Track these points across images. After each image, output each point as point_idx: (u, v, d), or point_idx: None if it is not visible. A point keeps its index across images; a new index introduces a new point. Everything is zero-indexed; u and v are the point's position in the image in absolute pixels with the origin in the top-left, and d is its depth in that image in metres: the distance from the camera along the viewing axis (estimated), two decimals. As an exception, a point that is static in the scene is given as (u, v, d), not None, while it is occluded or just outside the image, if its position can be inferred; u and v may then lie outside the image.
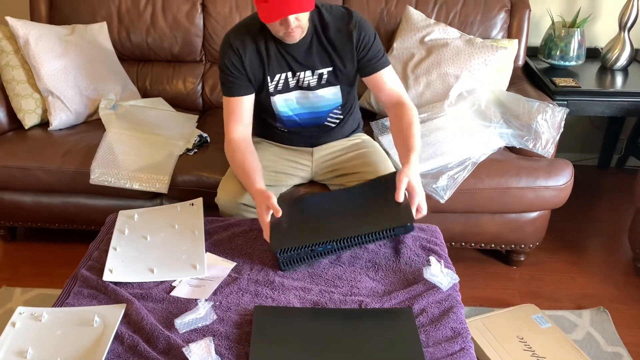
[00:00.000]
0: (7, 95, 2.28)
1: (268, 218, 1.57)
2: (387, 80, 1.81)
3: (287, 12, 1.55)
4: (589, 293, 2.15)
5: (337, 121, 1.93)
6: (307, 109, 1.86)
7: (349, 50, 1.77)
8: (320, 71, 1.79)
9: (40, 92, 2.27)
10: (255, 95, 1.83)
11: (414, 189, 1.55)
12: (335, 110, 1.89)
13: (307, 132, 1.94)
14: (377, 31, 2.45)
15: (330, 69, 1.79)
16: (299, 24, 1.62)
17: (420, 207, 1.57)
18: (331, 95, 1.84)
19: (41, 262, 2.31)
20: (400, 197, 1.54)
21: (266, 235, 1.56)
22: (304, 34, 1.70)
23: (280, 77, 1.79)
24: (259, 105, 1.86)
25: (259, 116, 1.91)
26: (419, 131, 1.75)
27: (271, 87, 1.80)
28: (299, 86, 1.81)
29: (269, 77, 1.78)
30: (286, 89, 1.81)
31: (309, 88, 1.81)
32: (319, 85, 1.81)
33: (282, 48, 1.74)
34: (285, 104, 1.84)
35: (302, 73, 1.78)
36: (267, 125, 1.94)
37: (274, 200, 1.57)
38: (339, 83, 1.83)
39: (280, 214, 1.55)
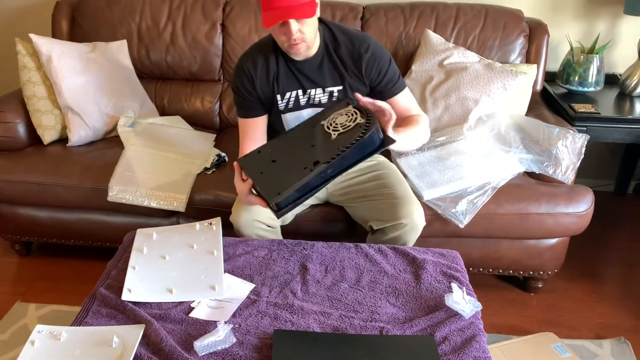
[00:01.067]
0: (28, 111, 2.30)
1: (245, 185, 1.60)
2: (403, 103, 1.86)
3: (286, 17, 1.57)
4: (609, 322, 2.12)
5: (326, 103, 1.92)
6: None
7: (358, 71, 1.79)
8: (330, 89, 1.80)
9: (60, 109, 2.29)
10: (267, 113, 1.86)
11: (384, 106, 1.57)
12: None
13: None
14: (395, 54, 2.49)
15: (341, 87, 1.81)
16: (302, 37, 1.63)
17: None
18: None
19: (56, 277, 2.31)
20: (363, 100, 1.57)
21: (244, 198, 1.63)
22: (309, 49, 1.72)
23: (291, 95, 1.81)
24: (270, 124, 1.89)
25: (271, 135, 1.92)
26: (423, 129, 1.83)
27: (282, 105, 1.82)
28: (309, 104, 1.83)
29: (279, 96, 1.81)
30: (297, 106, 1.83)
31: (320, 105, 1.82)
32: (330, 101, 1.82)
33: (293, 65, 1.77)
34: (297, 121, 1.84)
35: (313, 90, 1.80)
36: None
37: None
38: (351, 98, 1.83)
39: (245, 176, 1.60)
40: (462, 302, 1.44)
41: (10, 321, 2.05)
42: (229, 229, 1.85)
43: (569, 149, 2.02)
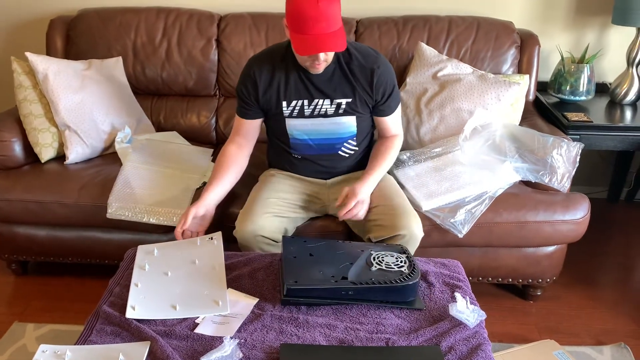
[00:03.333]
0: (24, 129, 2.29)
1: (187, 217, 1.78)
2: (390, 122, 1.97)
3: (322, 49, 1.61)
4: (608, 328, 2.13)
5: (352, 152, 1.97)
6: (322, 134, 1.90)
7: (369, 86, 1.84)
8: (339, 101, 1.84)
9: (57, 126, 2.29)
10: (270, 116, 1.91)
11: (356, 192, 1.78)
12: (350, 141, 1.94)
13: (321, 161, 1.96)
14: (389, 66, 2.51)
15: (350, 99, 1.84)
16: (326, 58, 1.68)
17: (351, 212, 1.79)
18: (346, 124, 1.89)
19: (53, 297, 2.29)
20: (339, 202, 1.81)
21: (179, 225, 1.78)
22: (327, 64, 1.77)
23: (297, 104, 1.84)
24: (273, 128, 1.93)
25: (273, 141, 1.97)
26: (392, 158, 1.97)
27: (286, 112, 1.86)
28: (314, 114, 1.86)
29: (284, 102, 1.84)
30: (301, 114, 1.86)
31: (325, 115, 1.86)
32: (336, 114, 1.86)
33: (304, 75, 1.80)
34: (300, 128, 1.89)
35: (320, 101, 1.83)
36: (281, 151, 1.98)
37: (190, 217, 1.79)
38: (356, 114, 1.89)
39: (180, 227, 1.78)
40: (467, 311, 1.45)
41: (8, 342, 2.03)
42: (231, 243, 1.85)
43: (564, 157, 2.04)
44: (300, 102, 1.84)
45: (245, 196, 1.99)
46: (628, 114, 2.52)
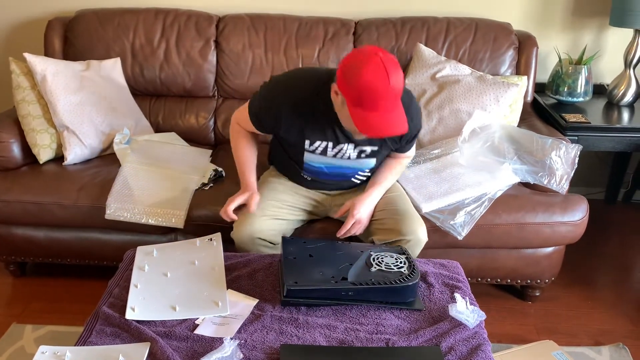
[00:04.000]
0: (23, 130, 2.29)
1: (238, 202, 1.78)
2: (407, 152, 1.92)
3: (389, 132, 1.51)
4: (606, 328, 2.14)
5: (364, 178, 1.93)
6: (340, 167, 1.84)
7: (398, 136, 1.77)
8: (364, 148, 1.78)
9: (55, 127, 2.28)
10: (286, 144, 1.83)
11: (352, 211, 1.78)
12: (365, 170, 1.89)
13: (331, 183, 1.93)
14: (388, 68, 2.52)
15: (376, 148, 1.79)
16: None
17: (349, 231, 1.79)
18: (367, 162, 1.84)
19: (52, 298, 2.28)
20: (338, 215, 1.84)
21: (230, 209, 1.78)
22: None
23: (320, 144, 1.76)
24: (287, 150, 1.85)
25: (283, 155, 1.91)
26: (399, 174, 1.95)
27: (308, 148, 1.78)
28: (336, 156, 1.79)
29: (307, 141, 1.76)
30: (323, 153, 1.79)
31: (348, 158, 1.81)
32: (358, 157, 1.81)
33: (334, 120, 1.67)
34: (318, 161, 1.82)
35: (345, 145, 1.76)
36: (289, 167, 1.92)
37: (255, 202, 1.78)
38: (378, 156, 1.84)
39: (252, 210, 1.77)
40: (466, 311, 1.45)
41: (6, 343, 2.02)
42: (228, 245, 1.85)
43: (562, 159, 2.05)
44: (324, 143, 1.76)
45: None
46: (625, 115, 2.53)
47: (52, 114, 2.26)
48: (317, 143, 1.76)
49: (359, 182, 1.93)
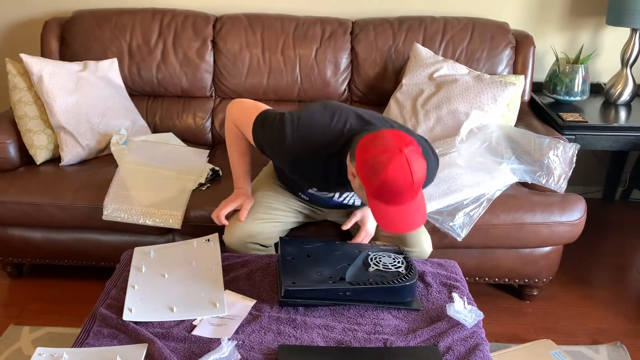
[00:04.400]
0: (19, 131, 2.28)
1: (231, 207, 1.77)
2: None
3: (408, 228, 1.44)
4: (604, 327, 2.14)
5: (360, 205, 1.89)
6: (340, 201, 1.82)
7: None
8: None
9: (52, 128, 2.28)
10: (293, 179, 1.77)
11: (365, 225, 1.77)
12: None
13: (329, 207, 1.91)
14: (385, 68, 2.53)
15: None
16: None
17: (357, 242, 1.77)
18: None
19: (49, 299, 2.28)
20: (347, 226, 1.80)
21: (222, 214, 1.77)
22: None
23: (327, 194, 1.75)
24: (290, 179, 1.81)
25: (284, 180, 1.88)
26: None
27: (312, 191, 1.76)
28: (341, 203, 1.77)
29: (314, 188, 1.73)
30: (328, 198, 1.77)
31: (352, 206, 1.80)
32: (362, 205, 1.80)
33: (345, 183, 1.58)
34: (320, 196, 1.79)
35: (350, 194, 1.74)
36: (290, 185, 1.88)
37: (247, 210, 1.78)
38: None
39: (242, 218, 1.77)
40: (464, 311, 1.45)
41: (4, 345, 2.02)
42: (225, 245, 1.84)
43: (560, 158, 2.05)
44: (331, 194, 1.74)
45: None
46: (622, 114, 2.53)
47: (49, 114, 2.25)
48: (324, 192, 1.75)
49: (357, 206, 1.88)
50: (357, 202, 1.79)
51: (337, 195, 1.76)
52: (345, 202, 1.78)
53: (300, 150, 1.57)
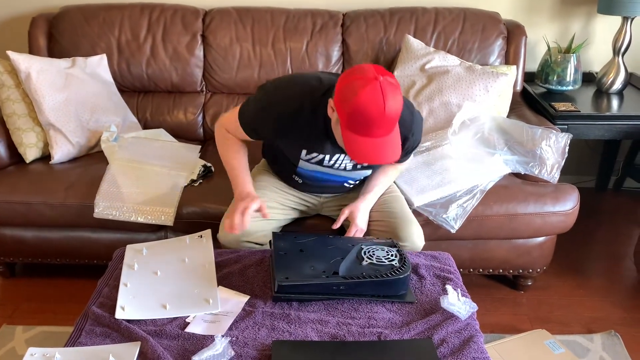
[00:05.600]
0: (8, 129, 2.26)
1: (246, 211, 1.64)
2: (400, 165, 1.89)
3: (378, 160, 1.45)
4: (598, 316, 2.15)
5: (356, 183, 1.89)
6: (334, 176, 1.81)
7: None
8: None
9: (41, 126, 2.25)
10: (283, 150, 1.76)
11: (355, 220, 1.75)
12: (360, 179, 1.86)
13: (323, 187, 1.89)
14: (376, 60, 2.51)
15: None
16: None
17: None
18: (362, 173, 1.81)
19: (42, 298, 2.26)
20: (337, 225, 1.78)
21: (234, 220, 1.63)
22: None
23: (317, 155, 1.71)
24: (282, 156, 1.79)
25: (277, 162, 1.87)
26: (391, 180, 1.89)
27: (304, 157, 1.72)
28: (333, 167, 1.75)
29: (304, 151, 1.70)
30: (319, 164, 1.74)
31: (344, 170, 1.77)
32: (354, 169, 1.78)
33: (331, 133, 1.59)
34: (313, 169, 1.77)
35: (342, 156, 1.71)
36: (283, 168, 1.87)
37: (264, 204, 1.68)
38: (375, 167, 1.81)
39: (269, 217, 1.71)
40: (458, 303, 1.45)
41: (-3, 345, 2.01)
42: (218, 241, 1.83)
43: (552, 148, 2.05)
44: (321, 155, 1.70)
45: (233, 194, 1.95)
46: (615, 102, 2.53)
47: (38, 112, 2.23)
48: (314, 154, 1.71)
49: (350, 186, 1.89)
50: (349, 166, 1.75)
51: (327, 158, 1.71)
52: (336, 166, 1.74)
53: (285, 106, 1.61)
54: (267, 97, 1.65)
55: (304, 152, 1.71)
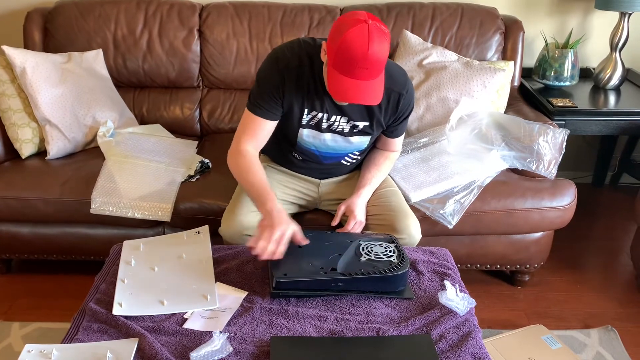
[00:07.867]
0: (3, 125, 2.25)
1: (282, 241, 1.51)
2: (396, 142, 1.90)
3: (359, 100, 1.49)
4: (595, 312, 2.16)
5: (354, 161, 1.91)
6: (332, 148, 1.82)
7: (391, 110, 1.75)
8: (356, 123, 1.75)
9: (37, 121, 2.24)
10: (284, 120, 1.75)
11: (353, 213, 1.76)
12: (355, 152, 1.87)
13: (321, 165, 1.90)
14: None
15: (367, 123, 1.76)
16: None
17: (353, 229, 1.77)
18: (358, 142, 1.81)
19: (39, 294, 2.25)
20: (335, 222, 1.80)
21: (268, 247, 1.49)
22: None
23: (315, 115, 1.72)
24: (282, 132, 1.79)
25: (276, 142, 1.87)
26: (385, 173, 1.90)
27: (304, 120, 1.73)
28: (330, 129, 1.76)
29: (306, 110, 1.71)
30: (317, 127, 1.75)
31: (341, 133, 1.77)
32: (351, 133, 1.78)
33: (326, 91, 1.63)
34: (312, 139, 1.78)
35: (338, 117, 1.73)
36: (281, 148, 1.89)
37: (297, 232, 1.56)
38: (371, 134, 1.81)
39: (303, 243, 1.57)
40: (456, 299, 1.45)
41: (-7, 341, 2.00)
42: (216, 237, 1.83)
43: (550, 144, 2.05)
44: (320, 115, 1.72)
45: (232, 188, 1.96)
46: (612, 98, 2.54)
47: (33, 107, 2.21)
48: (313, 113, 1.72)
49: (348, 164, 1.90)
50: (346, 129, 1.75)
51: (325, 118, 1.72)
52: (334, 127, 1.74)
53: (290, 59, 1.66)
54: (274, 53, 1.71)
55: (305, 111, 1.72)
